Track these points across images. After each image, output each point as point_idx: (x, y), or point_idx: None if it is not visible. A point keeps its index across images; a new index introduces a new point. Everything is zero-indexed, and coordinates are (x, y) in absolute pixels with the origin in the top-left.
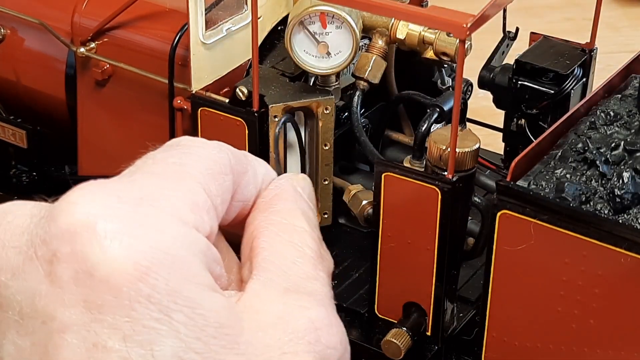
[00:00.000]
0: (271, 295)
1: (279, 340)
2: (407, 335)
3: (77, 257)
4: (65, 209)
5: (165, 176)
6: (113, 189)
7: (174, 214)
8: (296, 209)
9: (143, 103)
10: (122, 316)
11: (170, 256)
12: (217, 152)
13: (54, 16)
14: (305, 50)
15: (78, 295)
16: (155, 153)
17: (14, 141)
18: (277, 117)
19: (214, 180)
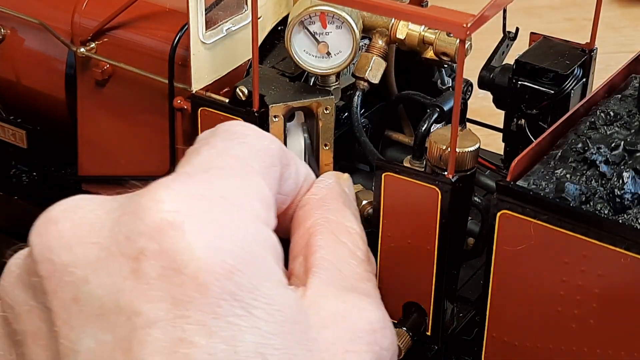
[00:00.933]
0: (332, 293)
1: (341, 339)
2: (407, 335)
3: (166, 255)
4: (151, 206)
5: (235, 172)
6: (195, 188)
7: (251, 211)
8: (347, 210)
9: (143, 103)
10: (208, 313)
11: (252, 254)
12: (269, 143)
13: (54, 16)
14: (305, 50)
15: (165, 292)
16: (215, 141)
17: (13, 141)
18: (277, 117)
19: (268, 174)
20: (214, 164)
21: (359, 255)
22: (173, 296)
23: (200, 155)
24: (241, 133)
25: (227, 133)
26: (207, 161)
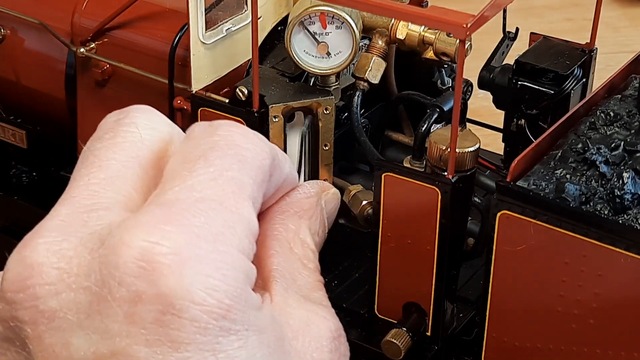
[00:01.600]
0: (295, 301)
1: (308, 348)
2: (407, 336)
3: (163, 300)
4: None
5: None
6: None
7: (241, 249)
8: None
9: (143, 103)
10: (207, 350)
11: (242, 290)
12: (264, 159)
13: (54, 16)
14: (305, 50)
15: (164, 335)
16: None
17: (13, 141)
18: (277, 117)
19: (259, 193)
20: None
21: (310, 267)
22: (172, 340)
23: (194, 175)
24: (240, 146)
25: (226, 146)
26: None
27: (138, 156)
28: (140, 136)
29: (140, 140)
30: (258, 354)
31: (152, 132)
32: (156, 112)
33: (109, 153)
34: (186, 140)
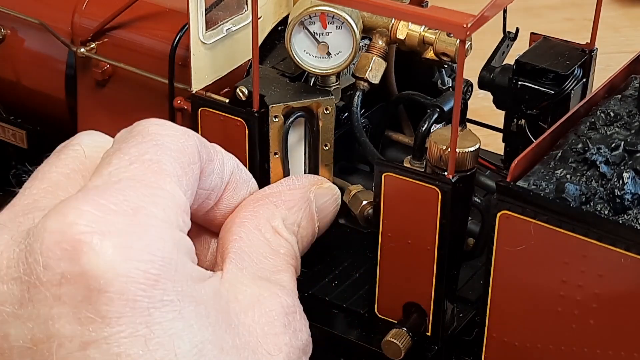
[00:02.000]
0: (247, 278)
1: (259, 322)
2: (407, 336)
3: (87, 277)
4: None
5: (147, 180)
6: (105, 203)
7: (164, 219)
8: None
9: (143, 103)
10: (140, 323)
11: (170, 260)
12: (185, 141)
13: (54, 16)
14: (305, 50)
15: (94, 312)
16: (128, 147)
17: (14, 141)
18: (277, 118)
19: (185, 174)
20: (124, 174)
21: (281, 252)
22: (103, 315)
23: (111, 165)
24: (155, 133)
25: (140, 136)
26: (117, 171)
27: (80, 169)
28: (83, 152)
29: (83, 155)
30: (195, 325)
31: (96, 149)
32: (102, 134)
33: (52, 167)
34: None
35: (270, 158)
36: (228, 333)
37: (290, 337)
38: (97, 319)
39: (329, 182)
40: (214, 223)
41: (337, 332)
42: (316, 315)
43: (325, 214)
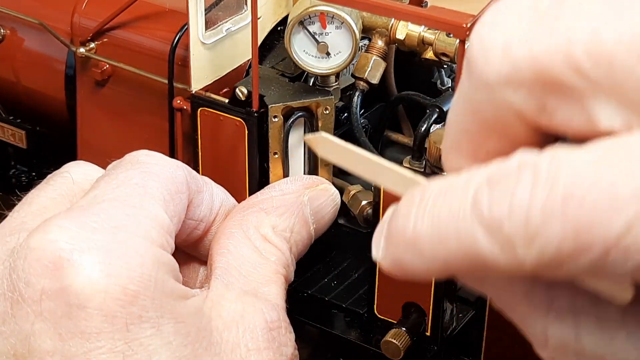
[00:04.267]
0: (232, 294)
1: (242, 338)
2: (407, 336)
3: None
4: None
5: (132, 202)
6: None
7: (146, 237)
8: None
9: (143, 103)
10: (119, 339)
11: (150, 277)
12: (174, 170)
13: (53, 16)
14: (304, 50)
15: (73, 328)
16: (117, 172)
17: (13, 141)
18: (277, 117)
19: (172, 200)
20: (109, 196)
21: (272, 260)
22: (82, 331)
23: (98, 189)
24: (144, 162)
25: (129, 164)
26: (103, 193)
27: (68, 194)
28: (71, 179)
29: (71, 181)
30: (174, 342)
31: (84, 176)
32: (92, 165)
33: (41, 192)
34: None
35: (270, 158)
36: (208, 351)
37: (274, 353)
38: (77, 335)
39: (325, 183)
40: (203, 252)
41: (337, 332)
42: (315, 315)
43: (322, 216)
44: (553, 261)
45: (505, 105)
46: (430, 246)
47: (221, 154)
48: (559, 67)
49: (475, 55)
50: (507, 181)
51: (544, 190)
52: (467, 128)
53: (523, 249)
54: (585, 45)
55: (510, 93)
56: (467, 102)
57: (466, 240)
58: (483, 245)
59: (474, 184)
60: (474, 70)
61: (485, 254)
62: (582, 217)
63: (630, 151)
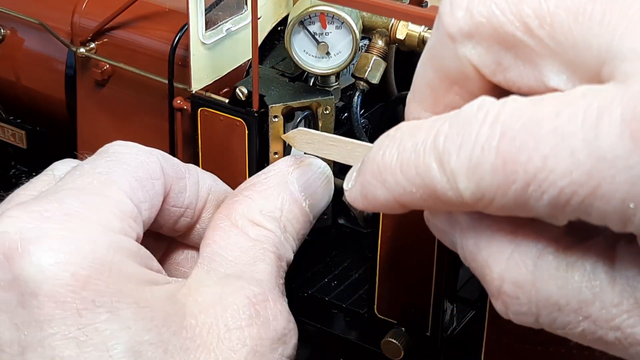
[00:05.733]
0: (213, 280)
1: (221, 318)
2: (407, 336)
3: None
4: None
5: (91, 189)
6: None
7: (102, 224)
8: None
9: (143, 103)
10: (72, 325)
11: (106, 262)
12: (145, 157)
13: (53, 16)
14: (305, 50)
15: (28, 316)
16: (84, 163)
17: (13, 141)
18: (277, 117)
19: (141, 187)
20: (69, 185)
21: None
22: (36, 319)
23: (62, 180)
24: (115, 152)
25: (99, 154)
26: (64, 183)
27: None
28: (53, 176)
29: (52, 178)
30: (134, 327)
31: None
32: (77, 161)
33: (22, 191)
34: None
35: (270, 158)
36: (177, 335)
37: (259, 329)
38: (32, 323)
39: (310, 158)
40: (197, 241)
41: (337, 332)
42: (315, 315)
43: (314, 191)
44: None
45: (466, 60)
46: (393, 176)
47: (221, 154)
48: (512, 25)
49: (443, 10)
50: (464, 120)
51: (488, 129)
52: (431, 80)
53: (464, 183)
54: (533, 5)
55: (470, 48)
56: (433, 56)
57: (423, 170)
58: (435, 176)
59: (439, 122)
60: (441, 25)
61: (435, 186)
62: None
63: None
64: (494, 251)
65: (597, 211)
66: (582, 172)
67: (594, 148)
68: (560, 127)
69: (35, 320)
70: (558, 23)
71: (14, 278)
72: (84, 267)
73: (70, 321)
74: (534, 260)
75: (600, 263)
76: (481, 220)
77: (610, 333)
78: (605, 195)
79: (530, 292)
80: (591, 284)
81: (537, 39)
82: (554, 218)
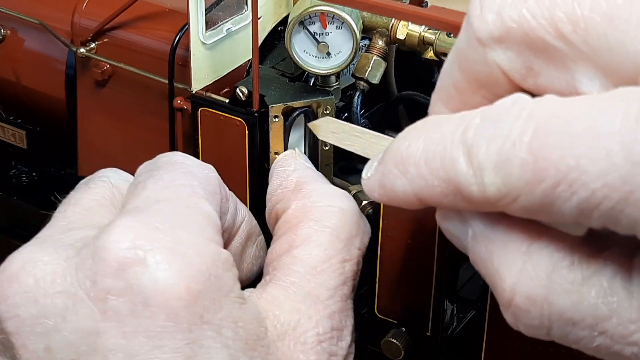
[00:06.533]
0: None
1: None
2: (407, 336)
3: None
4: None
5: (184, 201)
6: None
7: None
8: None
9: (143, 103)
10: (181, 339)
11: (212, 276)
12: (209, 172)
13: (53, 16)
14: (305, 50)
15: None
16: (159, 174)
17: (13, 141)
18: (277, 118)
19: (214, 201)
20: (162, 196)
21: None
22: (146, 329)
23: (147, 189)
24: (182, 163)
25: (169, 165)
26: (155, 194)
27: (109, 197)
28: (110, 183)
29: (110, 185)
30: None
31: (120, 181)
32: (122, 172)
33: (84, 195)
34: (135, 175)
35: (270, 158)
36: None
37: None
38: (141, 333)
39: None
40: None
41: None
42: None
43: None
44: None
45: (495, 64)
46: (416, 167)
47: (221, 154)
48: (544, 30)
49: (473, 13)
50: (497, 114)
51: (522, 124)
52: (458, 81)
53: (490, 177)
54: (566, 10)
55: (500, 52)
56: (461, 58)
57: (449, 162)
58: (461, 169)
59: (470, 116)
60: (470, 27)
61: (459, 179)
62: (543, 149)
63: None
64: (507, 261)
65: (628, 218)
66: (617, 175)
67: (632, 152)
68: (597, 127)
69: (146, 331)
70: (592, 27)
71: (127, 287)
72: (197, 282)
73: (180, 335)
74: (548, 273)
75: (617, 277)
76: (495, 226)
77: (627, 348)
78: (638, 202)
79: (542, 306)
80: (608, 300)
81: (570, 44)
82: (576, 225)
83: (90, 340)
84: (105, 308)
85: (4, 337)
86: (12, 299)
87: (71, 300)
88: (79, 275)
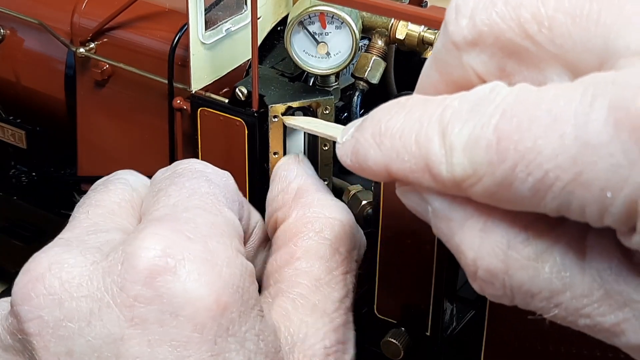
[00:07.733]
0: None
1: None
2: (407, 336)
3: (162, 300)
4: (141, 254)
5: (211, 209)
6: (180, 230)
7: (232, 246)
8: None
9: (143, 103)
10: (206, 351)
11: (241, 288)
12: (227, 179)
13: (53, 16)
14: (304, 50)
15: (164, 335)
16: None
17: (13, 141)
18: (277, 118)
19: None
20: (190, 204)
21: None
22: (172, 339)
23: (173, 197)
24: (202, 171)
25: (189, 172)
26: (182, 202)
27: (130, 200)
28: (130, 185)
29: (130, 187)
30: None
31: (138, 183)
32: (138, 174)
33: (104, 196)
34: (153, 181)
35: (270, 158)
36: None
37: None
38: (167, 342)
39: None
40: None
41: None
42: None
43: None
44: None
45: (470, 67)
46: (391, 139)
47: (221, 154)
48: (512, 32)
49: (449, 17)
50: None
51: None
52: (436, 82)
53: (459, 158)
54: (532, 10)
55: (474, 56)
56: (439, 61)
57: (423, 139)
58: (433, 147)
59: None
60: (446, 31)
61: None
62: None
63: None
64: (466, 238)
65: (578, 200)
66: (567, 156)
67: (582, 133)
68: (555, 110)
69: (171, 340)
70: (557, 26)
71: (156, 295)
72: (226, 294)
73: (205, 347)
74: (504, 249)
75: (570, 253)
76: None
77: (581, 320)
78: (586, 183)
79: (503, 279)
80: (561, 275)
81: (537, 44)
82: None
83: (114, 346)
84: (132, 315)
85: (24, 338)
86: (36, 301)
87: (97, 305)
88: (106, 280)
